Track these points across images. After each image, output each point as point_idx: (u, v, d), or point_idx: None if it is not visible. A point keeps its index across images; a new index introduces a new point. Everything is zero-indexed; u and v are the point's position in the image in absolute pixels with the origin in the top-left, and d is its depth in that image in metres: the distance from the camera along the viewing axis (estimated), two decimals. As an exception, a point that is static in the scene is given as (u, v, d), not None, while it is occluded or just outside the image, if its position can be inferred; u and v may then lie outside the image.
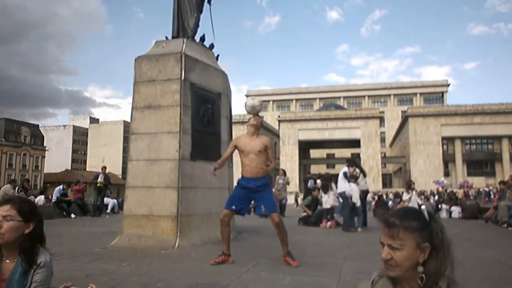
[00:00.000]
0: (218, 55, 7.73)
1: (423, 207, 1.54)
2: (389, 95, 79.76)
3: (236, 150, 4.84)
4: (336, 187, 9.09)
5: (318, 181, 11.80)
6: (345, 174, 8.74)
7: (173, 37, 7.07)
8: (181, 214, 6.00)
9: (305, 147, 61.40)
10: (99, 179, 13.47)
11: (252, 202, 4.92)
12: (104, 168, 14.17)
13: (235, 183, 10.21)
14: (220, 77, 7.25)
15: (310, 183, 13.55)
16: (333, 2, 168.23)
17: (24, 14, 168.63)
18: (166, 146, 6.19)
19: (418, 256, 1.42)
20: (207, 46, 7.52)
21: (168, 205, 6.03)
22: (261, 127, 4.90)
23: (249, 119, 4.85)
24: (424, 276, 1.41)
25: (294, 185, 54.22)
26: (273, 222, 4.59)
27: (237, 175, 11.13)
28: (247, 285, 3.75)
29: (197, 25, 7.32)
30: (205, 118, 6.67)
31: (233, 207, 4.68)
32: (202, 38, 7.41)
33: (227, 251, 4.69)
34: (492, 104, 54.47)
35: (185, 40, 6.73)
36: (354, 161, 9.15)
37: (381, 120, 62.94)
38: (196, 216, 6.29)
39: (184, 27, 7.15)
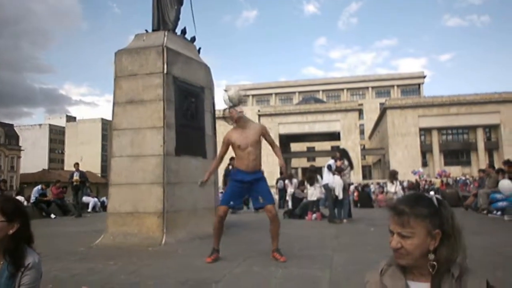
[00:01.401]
0: (200, 48, 7.61)
1: (431, 193, 1.51)
2: (367, 88, 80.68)
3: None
4: (322, 179, 9.10)
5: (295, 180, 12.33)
6: (329, 166, 8.76)
7: (153, 30, 6.90)
8: (167, 210, 5.89)
9: (285, 141, 61.59)
10: (74, 177, 12.61)
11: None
12: (76, 164, 13.13)
13: (220, 177, 10.05)
14: (203, 70, 7.13)
15: (279, 183, 14.90)
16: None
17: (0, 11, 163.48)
18: (150, 142, 6.05)
19: (429, 243, 1.38)
20: (189, 39, 7.38)
21: (154, 201, 5.91)
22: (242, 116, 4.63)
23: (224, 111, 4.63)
24: (435, 263, 1.38)
25: (275, 179, 54.39)
26: (270, 214, 4.51)
27: (221, 170, 10.92)
28: (239, 279, 3.70)
29: (177, 18, 7.17)
30: (188, 112, 6.56)
31: (231, 202, 4.60)
32: (184, 31, 7.27)
33: (218, 247, 4.58)
34: (468, 95, 55.76)
35: (166, 33, 6.58)
36: (346, 152, 9.16)
37: (360, 112, 63.68)
38: (183, 212, 6.19)
39: (164, 20, 6.98)
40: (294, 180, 12.48)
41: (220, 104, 4.52)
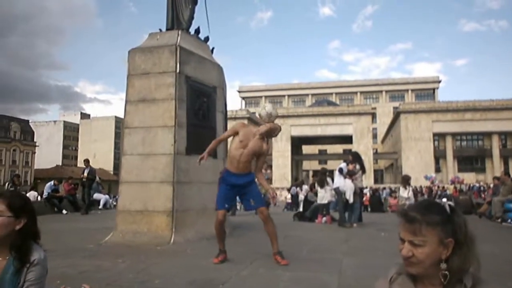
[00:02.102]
0: (213, 48, 7.61)
1: (444, 199, 1.46)
2: (381, 91, 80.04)
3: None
4: (333, 182, 9.02)
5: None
6: (340, 170, 8.68)
7: (167, 29, 6.91)
8: (176, 209, 5.88)
9: (297, 143, 61.44)
10: (84, 174, 12.56)
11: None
12: (87, 161, 12.99)
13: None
14: (216, 70, 7.12)
15: (292, 189, 14.76)
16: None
17: (11, 8, 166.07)
18: (161, 140, 6.06)
19: (440, 252, 1.33)
20: (202, 38, 7.39)
21: (163, 200, 5.91)
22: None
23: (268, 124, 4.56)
24: (447, 273, 1.32)
25: (286, 181, 54.30)
26: (262, 215, 4.51)
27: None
28: (246, 281, 3.67)
29: (192, 17, 7.18)
30: (200, 112, 6.55)
31: (226, 205, 4.59)
32: (197, 31, 7.28)
33: (224, 248, 4.59)
34: (483, 101, 54.91)
35: (180, 32, 6.59)
36: (358, 155, 9.07)
37: (373, 116, 63.16)
38: (192, 212, 6.18)
39: (178, 19, 7.00)
40: (305, 187, 12.46)
41: (231, 105, 4.52)
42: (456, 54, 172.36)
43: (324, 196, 9.23)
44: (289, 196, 17.00)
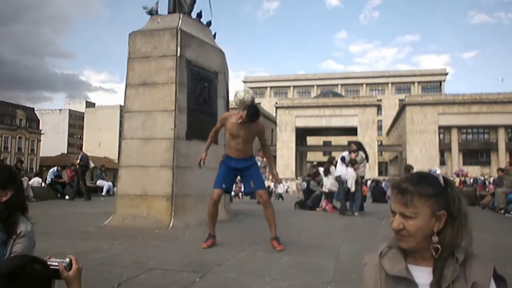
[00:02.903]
0: (215, 33, 7.53)
1: (438, 171, 1.40)
2: (387, 83, 79.44)
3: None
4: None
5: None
6: (342, 158, 8.62)
7: (169, 13, 6.84)
8: (176, 194, 5.86)
9: (302, 134, 61.26)
10: (77, 160, 12.38)
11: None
12: (78, 147, 12.74)
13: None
14: (217, 55, 7.05)
15: (303, 184, 14.43)
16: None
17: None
18: (161, 125, 6.02)
19: (432, 225, 1.28)
20: (204, 23, 7.30)
21: (163, 184, 5.89)
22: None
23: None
24: (439, 246, 1.27)
25: (290, 172, 54.32)
26: (261, 198, 4.47)
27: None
28: (242, 263, 3.65)
29: (194, 1, 7.10)
30: (201, 97, 6.49)
31: (224, 185, 4.50)
32: (199, 15, 7.19)
33: (214, 233, 4.49)
34: (490, 94, 54.38)
35: (181, 16, 6.51)
36: (361, 144, 9.04)
37: (379, 108, 62.82)
38: (191, 197, 6.16)
39: (180, 2, 6.92)
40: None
41: (234, 91, 4.47)
42: (464, 47, 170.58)
43: (327, 183, 9.20)
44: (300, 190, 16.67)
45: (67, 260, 1.44)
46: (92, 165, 13.14)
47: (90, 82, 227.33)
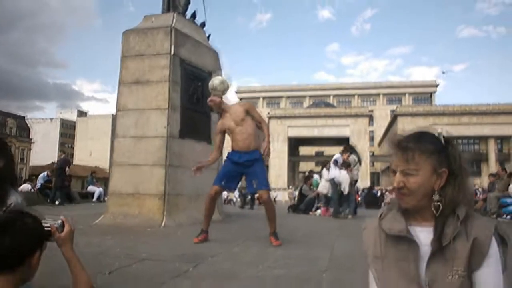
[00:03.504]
0: (209, 35, 7.54)
1: (439, 130, 1.39)
2: (379, 94, 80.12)
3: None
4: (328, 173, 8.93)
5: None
6: (335, 161, 8.61)
7: (163, 13, 6.84)
8: (168, 192, 5.79)
9: (294, 144, 61.36)
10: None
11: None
12: (59, 152, 12.49)
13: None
14: (211, 55, 7.05)
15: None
16: (324, 0, 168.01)
17: (13, 3, 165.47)
18: (154, 123, 5.97)
19: (433, 182, 1.27)
20: (198, 24, 7.31)
21: (155, 183, 5.82)
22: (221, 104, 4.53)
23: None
24: (440, 204, 1.25)
25: (282, 182, 54.25)
26: (261, 199, 4.39)
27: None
28: (237, 256, 3.60)
29: (188, 2, 7.11)
30: (194, 96, 6.47)
31: (223, 182, 4.41)
32: (194, 15, 7.20)
33: (207, 229, 4.39)
34: (480, 105, 55.06)
35: (175, 15, 6.51)
36: (352, 147, 9.05)
37: (370, 118, 63.21)
38: (184, 196, 6.09)
39: (174, 3, 6.93)
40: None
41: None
42: (454, 59, 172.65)
43: (323, 186, 9.15)
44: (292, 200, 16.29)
45: (59, 221, 1.41)
46: (67, 170, 12.77)
47: (82, 92, 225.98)
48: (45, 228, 1.34)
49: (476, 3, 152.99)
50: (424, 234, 1.28)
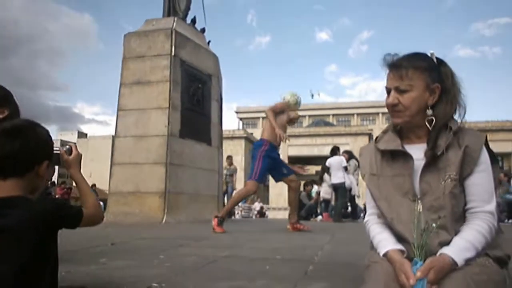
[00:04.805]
0: (209, 41, 7.67)
1: (431, 51, 1.44)
2: (378, 113, 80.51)
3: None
4: (330, 178, 8.81)
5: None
6: (345, 168, 8.44)
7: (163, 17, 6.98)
8: (169, 191, 5.81)
9: (294, 162, 61.27)
10: None
11: None
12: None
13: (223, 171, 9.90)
14: (211, 59, 7.16)
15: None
16: (322, 23, 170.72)
17: (15, 29, 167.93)
18: (154, 122, 6.03)
19: (427, 98, 1.31)
20: (198, 29, 7.46)
21: (156, 181, 5.84)
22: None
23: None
24: (433, 118, 1.30)
25: (283, 200, 53.94)
26: (293, 183, 4.59)
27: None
28: (238, 237, 3.61)
29: (188, 8, 7.28)
30: (195, 97, 6.55)
31: (263, 180, 4.70)
32: (194, 20, 7.36)
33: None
34: (479, 122, 55.11)
35: (175, 19, 6.66)
36: (352, 153, 9.07)
37: (370, 137, 63.34)
38: (184, 195, 6.11)
39: (175, 9, 7.09)
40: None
41: (231, 125, 4.62)
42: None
43: (325, 191, 9.09)
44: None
45: (68, 147, 1.45)
46: (53, 179, 12.83)
47: (83, 114, 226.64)
48: (55, 151, 1.37)
49: (470, 24, 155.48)
50: (417, 151, 1.31)
